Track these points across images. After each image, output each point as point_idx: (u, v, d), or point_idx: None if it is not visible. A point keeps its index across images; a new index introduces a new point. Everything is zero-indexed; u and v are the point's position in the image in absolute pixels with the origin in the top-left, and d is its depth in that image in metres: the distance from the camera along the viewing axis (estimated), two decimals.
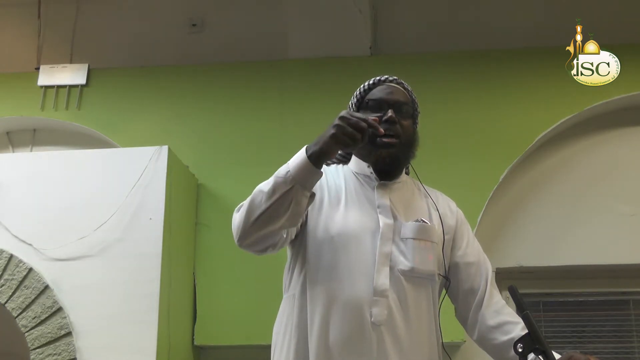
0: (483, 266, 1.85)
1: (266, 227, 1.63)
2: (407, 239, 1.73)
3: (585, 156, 3.95)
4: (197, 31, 4.41)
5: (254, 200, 1.62)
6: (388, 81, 1.89)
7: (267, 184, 1.63)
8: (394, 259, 1.71)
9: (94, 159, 3.65)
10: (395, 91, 1.86)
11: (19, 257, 3.43)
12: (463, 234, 1.87)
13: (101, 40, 4.51)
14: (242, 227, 1.64)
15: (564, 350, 1.60)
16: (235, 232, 1.67)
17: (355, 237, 1.71)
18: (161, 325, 3.29)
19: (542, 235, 3.86)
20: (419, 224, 1.76)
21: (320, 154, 1.61)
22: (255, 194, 1.64)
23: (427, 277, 1.74)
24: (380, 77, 1.90)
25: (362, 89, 1.90)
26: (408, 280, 1.71)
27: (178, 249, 3.61)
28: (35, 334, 3.33)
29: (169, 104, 4.18)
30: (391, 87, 1.87)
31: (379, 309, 1.65)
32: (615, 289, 3.88)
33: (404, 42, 4.24)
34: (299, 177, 1.60)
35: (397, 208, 1.78)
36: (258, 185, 1.66)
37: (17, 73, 4.40)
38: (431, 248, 1.76)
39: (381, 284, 1.67)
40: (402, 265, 1.71)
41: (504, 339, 1.70)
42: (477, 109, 3.92)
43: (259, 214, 1.60)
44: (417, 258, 1.72)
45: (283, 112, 4.06)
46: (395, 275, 1.69)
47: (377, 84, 1.88)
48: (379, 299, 1.66)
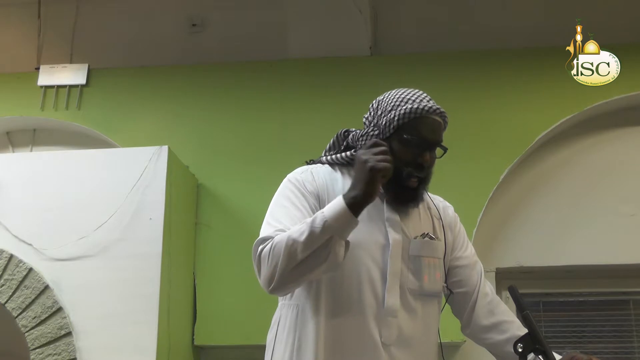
0: (477, 267, 1.83)
1: (302, 278, 1.56)
2: (415, 256, 1.69)
3: (585, 156, 3.95)
4: (197, 31, 4.41)
5: (289, 252, 1.51)
6: (435, 113, 1.67)
7: (301, 233, 1.51)
8: (403, 277, 1.67)
9: (94, 159, 3.65)
10: (438, 128, 1.68)
11: (19, 257, 3.43)
12: (459, 237, 1.84)
13: (101, 40, 4.50)
14: (277, 279, 1.54)
15: (564, 350, 1.60)
16: (266, 281, 1.57)
17: (365, 251, 1.65)
18: (161, 325, 3.29)
19: (542, 235, 3.86)
20: (427, 240, 1.72)
21: (364, 197, 1.50)
22: (289, 243, 1.52)
23: (434, 295, 1.73)
24: (428, 108, 1.66)
25: (405, 115, 1.65)
26: (417, 299, 1.68)
27: (178, 249, 3.61)
28: (35, 334, 3.33)
29: (169, 104, 4.19)
30: (435, 124, 1.67)
31: (389, 329, 1.62)
32: (615, 289, 3.89)
33: (404, 42, 4.23)
34: (337, 228, 1.49)
35: (405, 222, 1.72)
36: (289, 232, 1.54)
37: (17, 73, 4.40)
38: (439, 265, 1.74)
39: (392, 304, 1.63)
40: (412, 284, 1.67)
41: (500, 338, 1.71)
42: (477, 109, 3.92)
43: (294, 266, 1.51)
44: (426, 277, 1.69)
45: (283, 112, 4.07)
46: (405, 294, 1.66)
47: (423, 115, 1.66)
48: (390, 319, 1.63)
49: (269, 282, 1.56)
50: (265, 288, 1.59)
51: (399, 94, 1.71)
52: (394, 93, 1.72)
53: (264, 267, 1.57)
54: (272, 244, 1.55)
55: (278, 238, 1.55)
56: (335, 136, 1.86)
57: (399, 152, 1.65)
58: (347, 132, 1.83)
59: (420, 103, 1.67)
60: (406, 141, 1.65)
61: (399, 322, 1.64)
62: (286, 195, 1.69)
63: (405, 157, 1.65)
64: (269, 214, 1.70)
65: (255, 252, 1.61)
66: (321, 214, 1.51)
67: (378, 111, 1.72)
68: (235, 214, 3.89)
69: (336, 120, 3.90)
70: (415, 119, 1.65)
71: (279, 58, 4.21)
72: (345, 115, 3.89)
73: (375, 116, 1.72)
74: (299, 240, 1.50)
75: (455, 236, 1.83)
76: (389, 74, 4.00)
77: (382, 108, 1.71)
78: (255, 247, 1.61)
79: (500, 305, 1.78)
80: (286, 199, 1.68)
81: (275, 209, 1.69)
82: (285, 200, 1.68)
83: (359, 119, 1.83)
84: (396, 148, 1.66)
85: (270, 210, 1.71)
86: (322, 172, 1.76)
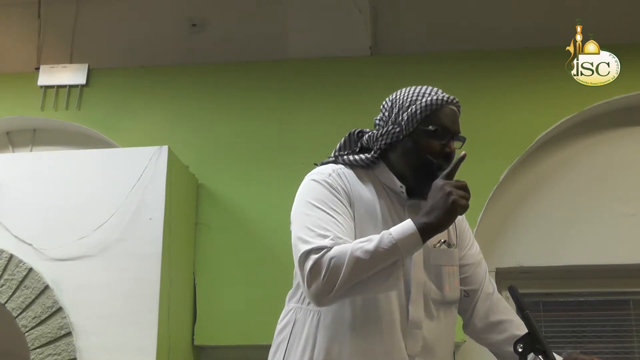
0: (482, 265, 1.82)
1: (359, 295, 1.54)
2: (436, 265, 1.67)
3: (585, 156, 3.95)
4: (197, 31, 4.41)
5: (352, 269, 1.46)
6: (454, 104, 1.70)
7: (366, 252, 1.46)
8: (426, 287, 1.65)
9: (94, 159, 3.65)
10: (457, 118, 1.71)
11: (19, 257, 3.43)
12: (466, 237, 1.83)
13: (101, 40, 4.51)
14: (335, 293, 1.48)
15: (564, 350, 1.60)
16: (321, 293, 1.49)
17: None
18: (161, 325, 3.29)
19: (542, 235, 3.86)
20: (444, 249, 1.70)
21: (438, 226, 1.48)
22: (352, 260, 1.46)
23: (455, 302, 1.73)
24: (447, 98, 1.68)
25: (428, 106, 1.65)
26: (439, 308, 1.67)
27: (178, 249, 3.61)
28: (35, 334, 3.33)
29: (169, 104, 4.19)
30: (455, 113, 1.70)
31: (414, 340, 1.61)
32: (615, 289, 3.89)
33: (404, 42, 4.24)
34: (405, 251, 1.47)
35: None
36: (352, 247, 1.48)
37: (17, 73, 4.40)
38: (457, 272, 1.73)
39: (417, 316, 1.62)
40: (434, 294, 1.66)
41: (499, 338, 1.71)
42: (477, 109, 3.91)
43: (355, 283, 1.47)
44: (447, 286, 1.68)
45: (283, 112, 4.07)
46: (429, 304, 1.65)
47: (444, 105, 1.67)
48: (414, 331, 1.61)
49: (324, 294, 1.49)
50: (316, 299, 1.51)
51: (413, 89, 1.71)
52: (407, 90, 1.72)
53: (319, 278, 1.48)
54: (331, 257, 1.48)
55: (336, 251, 1.48)
56: (347, 136, 1.80)
57: (425, 145, 1.64)
58: (361, 133, 1.78)
59: (438, 94, 1.68)
60: (431, 132, 1.65)
61: (423, 333, 1.62)
62: (322, 200, 1.61)
63: (434, 148, 1.65)
64: (307, 220, 1.59)
65: (306, 260, 1.51)
66: (389, 235, 1.47)
67: (394, 109, 1.69)
68: (235, 214, 3.89)
69: (336, 120, 3.91)
70: (436, 110, 1.66)
71: (279, 58, 4.21)
72: (345, 115, 3.90)
73: (392, 114, 1.69)
74: (363, 258, 1.46)
75: (462, 235, 1.82)
76: (389, 74, 4.00)
77: (398, 105, 1.69)
78: (306, 255, 1.52)
79: (500, 304, 1.76)
80: (323, 204, 1.60)
81: (315, 215, 1.59)
82: (323, 205, 1.60)
83: (359, 119, 1.82)
84: (422, 141, 1.65)
85: (307, 215, 1.60)
86: (348, 174, 1.70)
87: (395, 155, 1.69)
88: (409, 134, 1.66)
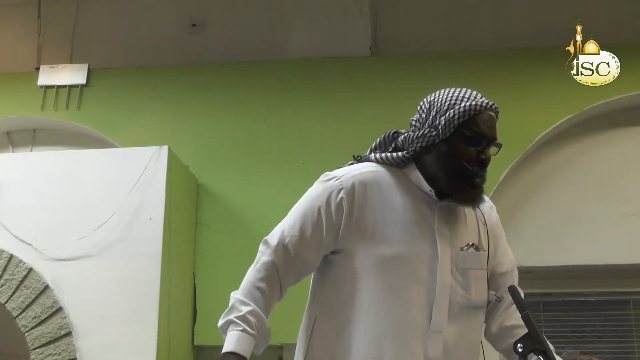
0: (514, 273, 1.79)
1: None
2: (463, 269, 1.64)
3: (585, 156, 3.95)
4: (197, 31, 4.41)
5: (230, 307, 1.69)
6: (492, 109, 1.67)
7: (226, 317, 1.69)
8: (452, 291, 1.62)
9: (94, 159, 3.65)
10: (494, 125, 1.68)
11: (19, 257, 3.43)
12: (500, 242, 1.78)
13: (101, 40, 4.51)
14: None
15: (564, 350, 1.60)
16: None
17: (412, 262, 1.60)
18: (161, 325, 3.29)
19: (542, 235, 3.86)
20: (472, 252, 1.67)
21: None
22: (233, 296, 1.71)
23: (481, 306, 1.69)
24: (486, 104, 1.65)
25: (466, 112, 1.63)
26: (464, 312, 1.63)
27: (178, 249, 3.61)
28: (35, 334, 3.33)
29: (169, 104, 4.19)
30: (492, 120, 1.68)
31: (435, 344, 1.59)
32: (615, 289, 3.89)
33: (404, 42, 4.23)
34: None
35: (453, 232, 1.66)
36: (236, 304, 1.69)
37: (17, 73, 4.40)
38: (483, 276, 1.67)
39: (440, 318, 1.59)
40: (460, 297, 1.63)
41: (510, 342, 1.65)
42: None
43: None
44: (474, 290, 1.65)
45: (283, 112, 4.06)
46: (453, 307, 1.61)
47: (482, 111, 1.64)
48: (436, 334, 1.59)
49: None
50: None
51: (452, 92, 1.68)
52: (446, 92, 1.68)
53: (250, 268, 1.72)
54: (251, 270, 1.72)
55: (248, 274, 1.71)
56: (383, 136, 1.78)
57: (461, 151, 1.62)
58: (396, 134, 1.75)
59: (477, 99, 1.64)
60: (468, 138, 1.63)
61: (445, 336, 1.60)
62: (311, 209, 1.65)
63: (469, 154, 1.63)
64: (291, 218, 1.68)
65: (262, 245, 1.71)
66: (237, 331, 1.63)
67: (432, 112, 1.66)
68: (235, 214, 3.89)
69: (336, 120, 3.91)
70: (474, 116, 1.63)
71: (279, 58, 4.21)
72: (345, 115, 3.90)
73: (429, 117, 1.66)
74: (231, 304, 1.68)
75: (497, 240, 1.78)
76: (389, 74, 4.00)
77: (436, 108, 1.66)
78: (261, 244, 1.70)
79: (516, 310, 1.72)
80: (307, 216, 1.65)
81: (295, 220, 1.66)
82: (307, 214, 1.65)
83: (359, 119, 1.82)
84: (458, 147, 1.63)
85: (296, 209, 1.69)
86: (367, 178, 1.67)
87: (430, 158, 1.66)
88: (445, 139, 1.63)
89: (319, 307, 1.67)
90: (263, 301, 1.63)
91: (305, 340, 1.67)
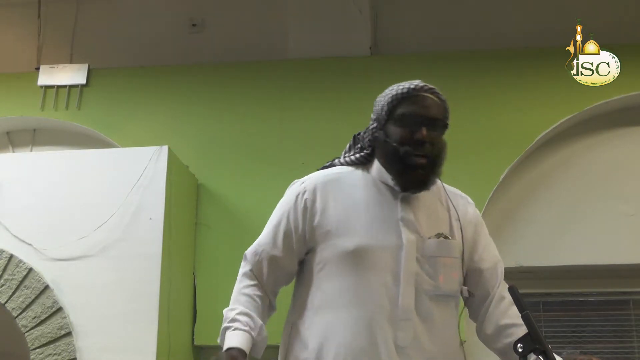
0: (498, 270, 1.78)
1: None
2: (431, 257, 1.65)
3: (585, 156, 3.95)
4: (197, 31, 4.41)
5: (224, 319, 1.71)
6: (423, 90, 1.68)
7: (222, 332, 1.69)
8: (418, 278, 1.63)
9: (94, 159, 3.65)
10: (430, 104, 1.67)
11: (19, 257, 3.43)
12: (480, 239, 1.79)
13: (101, 40, 4.51)
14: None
15: (564, 350, 1.60)
16: None
17: (378, 253, 1.63)
18: (161, 325, 3.29)
19: (542, 235, 3.86)
20: (442, 240, 1.68)
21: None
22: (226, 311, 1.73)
23: (451, 295, 1.69)
24: (414, 86, 1.67)
25: (394, 98, 1.67)
26: (432, 300, 1.64)
27: (178, 249, 3.61)
28: (35, 334, 3.33)
29: (169, 104, 4.19)
30: (426, 100, 1.67)
31: (405, 332, 1.60)
32: (615, 289, 3.89)
33: (404, 42, 4.24)
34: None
35: (419, 222, 1.68)
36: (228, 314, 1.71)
37: (17, 73, 4.40)
38: (454, 265, 1.69)
39: (406, 306, 1.61)
40: (427, 285, 1.64)
41: (506, 342, 1.67)
42: (477, 109, 3.92)
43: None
44: (442, 277, 1.65)
45: (283, 112, 4.07)
46: (420, 295, 1.63)
47: (411, 94, 1.67)
48: (405, 322, 1.60)
49: None
50: None
51: (393, 86, 1.73)
52: (389, 87, 1.74)
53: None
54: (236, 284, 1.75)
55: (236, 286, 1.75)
56: (352, 138, 1.85)
57: (394, 133, 1.66)
58: (359, 135, 1.83)
59: (412, 84, 1.68)
60: (399, 119, 1.66)
61: (414, 324, 1.61)
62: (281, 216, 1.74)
63: (402, 135, 1.65)
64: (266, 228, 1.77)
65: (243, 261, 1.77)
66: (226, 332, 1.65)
67: (376, 105, 1.73)
68: (235, 214, 3.89)
69: (336, 120, 3.91)
70: (407, 98, 1.67)
71: (279, 58, 4.21)
72: (345, 115, 3.90)
73: (374, 111, 1.73)
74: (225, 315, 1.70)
75: (476, 236, 1.78)
76: (389, 74, 3.98)
77: (379, 101, 1.73)
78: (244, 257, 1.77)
79: (512, 309, 1.70)
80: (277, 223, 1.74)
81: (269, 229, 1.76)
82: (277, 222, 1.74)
83: (359, 119, 1.83)
84: (392, 130, 1.67)
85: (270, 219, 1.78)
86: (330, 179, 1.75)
87: (378, 150, 1.72)
88: (382, 127, 1.69)
89: (295, 312, 1.72)
90: (250, 303, 1.68)
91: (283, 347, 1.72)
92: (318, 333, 1.63)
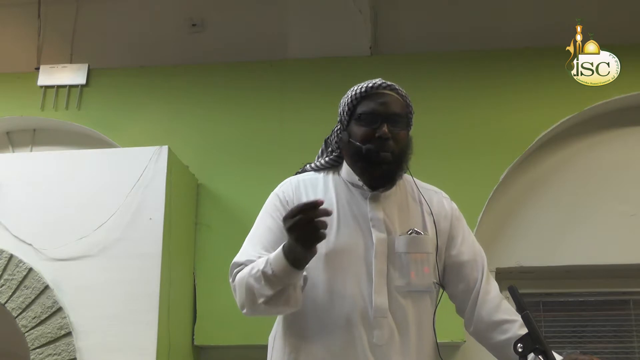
0: (479, 262, 1.78)
1: (270, 313, 1.65)
2: (401, 253, 1.67)
3: (585, 156, 3.95)
4: (197, 31, 4.41)
5: (249, 295, 1.59)
6: (381, 88, 1.71)
7: (257, 279, 1.56)
8: (390, 275, 1.65)
9: (94, 159, 3.65)
10: (390, 101, 1.70)
11: (19, 257, 3.43)
12: (457, 232, 1.79)
13: (101, 40, 4.51)
14: (247, 312, 1.65)
15: (564, 350, 1.60)
16: (240, 308, 1.67)
17: (349, 254, 1.65)
18: (161, 325, 3.29)
19: (542, 235, 3.86)
20: (412, 236, 1.69)
21: (302, 261, 1.51)
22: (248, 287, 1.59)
23: (425, 290, 1.70)
24: (372, 84, 1.71)
25: (353, 98, 1.71)
26: (406, 296, 1.66)
27: (178, 249, 3.61)
28: (35, 334, 3.33)
29: (169, 104, 4.19)
30: (385, 97, 1.70)
31: (380, 330, 1.61)
32: (615, 289, 3.88)
33: (404, 42, 4.24)
34: (286, 281, 1.54)
35: (390, 220, 1.70)
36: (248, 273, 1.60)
37: (17, 73, 4.40)
38: (426, 259, 1.69)
39: (380, 304, 1.62)
40: (398, 281, 1.65)
41: (501, 338, 1.66)
42: (477, 109, 3.92)
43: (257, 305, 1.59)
44: (413, 273, 1.66)
45: (283, 112, 4.07)
46: (393, 292, 1.64)
47: (369, 92, 1.70)
48: (380, 320, 1.62)
49: (242, 309, 1.66)
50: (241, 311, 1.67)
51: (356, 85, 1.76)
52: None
53: (235, 296, 1.67)
54: (238, 279, 1.64)
55: (240, 276, 1.63)
56: (324, 143, 1.89)
57: (357, 132, 1.69)
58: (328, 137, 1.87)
59: (370, 82, 1.72)
60: (359, 118, 1.69)
61: (390, 322, 1.63)
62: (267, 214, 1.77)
63: (363, 134, 1.68)
64: (251, 232, 1.77)
65: (230, 275, 1.69)
66: (270, 266, 1.53)
67: (340, 107, 1.77)
68: (235, 214, 3.89)
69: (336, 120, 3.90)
70: (365, 97, 1.70)
71: (279, 58, 4.21)
72: None
73: (338, 113, 1.78)
74: (254, 286, 1.57)
75: (452, 230, 1.78)
76: (389, 74, 3.94)
77: (341, 102, 1.77)
78: (230, 269, 1.70)
79: (503, 304, 1.72)
80: (265, 220, 1.76)
81: (256, 229, 1.77)
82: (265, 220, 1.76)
83: None
84: (354, 129, 1.70)
85: (254, 226, 1.79)
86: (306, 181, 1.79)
87: (344, 150, 1.75)
88: (345, 128, 1.73)
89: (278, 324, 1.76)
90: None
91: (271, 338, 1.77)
92: (296, 335, 1.66)
